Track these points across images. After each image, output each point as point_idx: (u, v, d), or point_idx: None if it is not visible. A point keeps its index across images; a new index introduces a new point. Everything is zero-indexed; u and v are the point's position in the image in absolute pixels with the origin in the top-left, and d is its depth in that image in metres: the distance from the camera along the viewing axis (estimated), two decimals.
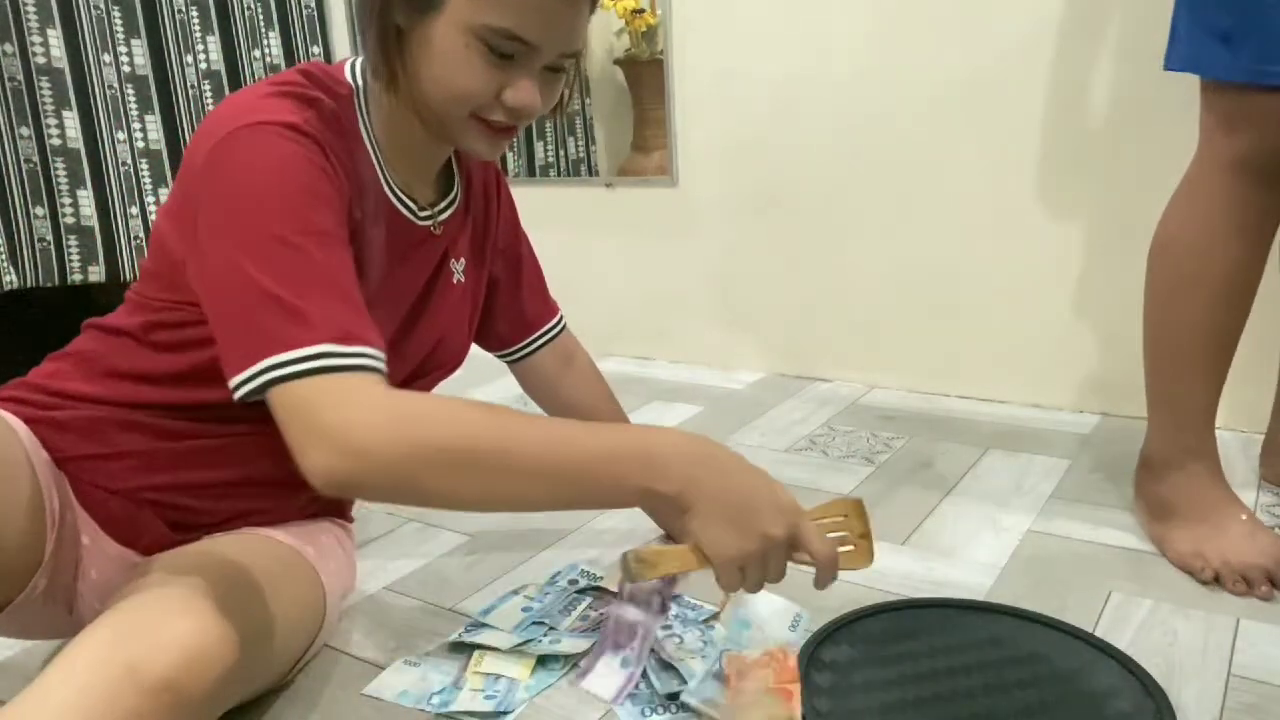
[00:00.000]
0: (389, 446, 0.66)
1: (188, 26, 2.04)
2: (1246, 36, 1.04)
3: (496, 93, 0.79)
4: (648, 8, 2.03)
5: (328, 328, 0.69)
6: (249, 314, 0.69)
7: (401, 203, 0.89)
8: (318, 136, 0.76)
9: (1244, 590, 1.07)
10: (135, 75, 1.97)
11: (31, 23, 1.79)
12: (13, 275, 1.82)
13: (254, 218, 0.71)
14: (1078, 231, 1.63)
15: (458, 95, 0.79)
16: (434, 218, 0.94)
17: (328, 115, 0.80)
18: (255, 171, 0.72)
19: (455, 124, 0.81)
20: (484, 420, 0.69)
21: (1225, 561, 1.09)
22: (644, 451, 0.71)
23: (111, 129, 1.93)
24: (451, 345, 1.00)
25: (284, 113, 0.75)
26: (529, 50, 0.77)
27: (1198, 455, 1.15)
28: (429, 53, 0.78)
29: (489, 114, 0.80)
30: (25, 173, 1.82)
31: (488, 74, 0.78)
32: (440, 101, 0.80)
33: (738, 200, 1.96)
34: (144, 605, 0.71)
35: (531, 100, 0.80)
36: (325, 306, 0.70)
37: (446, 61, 0.78)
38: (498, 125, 0.81)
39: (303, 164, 0.74)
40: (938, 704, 0.84)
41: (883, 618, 0.98)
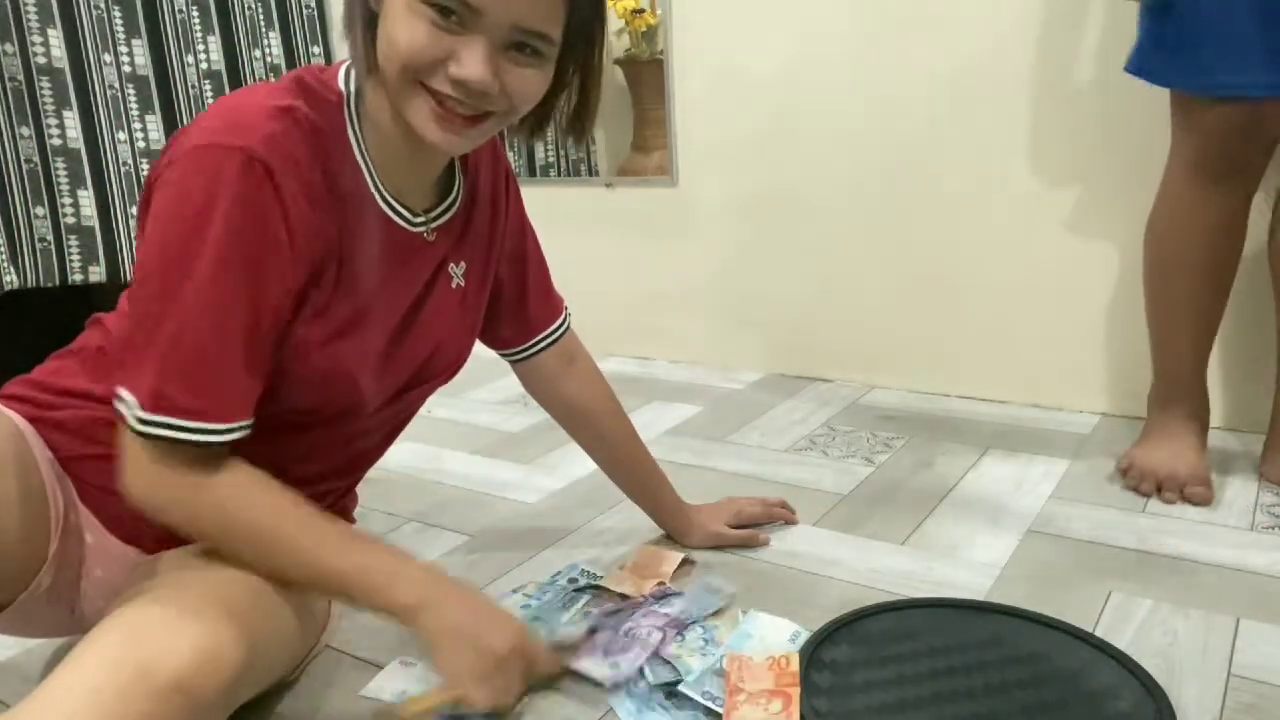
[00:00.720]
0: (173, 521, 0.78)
1: (188, 26, 2.04)
2: (1191, 50, 1.16)
3: (442, 58, 0.75)
4: (648, 8, 2.03)
5: (162, 395, 0.73)
6: (157, 352, 0.74)
7: (393, 210, 0.87)
8: (272, 159, 0.74)
9: (1149, 491, 1.31)
10: (136, 75, 1.97)
11: (32, 22, 1.79)
12: (13, 275, 1.82)
13: (174, 250, 0.73)
14: (1078, 231, 1.63)
15: (400, 56, 0.75)
16: (428, 224, 0.91)
17: (302, 127, 0.77)
18: (192, 203, 0.72)
19: (404, 97, 0.77)
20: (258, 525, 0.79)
21: (1150, 470, 1.32)
22: (388, 573, 0.81)
23: (112, 129, 1.93)
24: (448, 352, 0.98)
25: (245, 132, 0.74)
26: (473, 14, 0.73)
27: (1182, 399, 1.36)
28: (385, 25, 0.76)
29: (434, 81, 0.76)
30: (26, 172, 1.82)
31: (432, 36, 0.74)
32: (390, 72, 0.77)
33: (738, 200, 1.96)
34: (154, 606, 0.71)
35: (475, 71, 0.74)
36: (174, 369, 0.74)
37: (393, 24, 0.75)
38: (445, 99, 0.76)
39: (240, 201, 0.73)
40: (938, 704, 0.84)
41: (883, 618, 0.98)
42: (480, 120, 0.79)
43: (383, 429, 0.98)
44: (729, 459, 1.53)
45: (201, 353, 0.73)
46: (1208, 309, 1.33)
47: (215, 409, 0.75)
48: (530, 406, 0.94)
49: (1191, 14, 1.17)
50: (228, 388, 0.75)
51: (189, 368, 0.73)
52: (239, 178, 0.72)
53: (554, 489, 1.42)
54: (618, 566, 1.13)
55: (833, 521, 1.27)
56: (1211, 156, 1.24)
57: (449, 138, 0.78)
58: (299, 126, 0.77)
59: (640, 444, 1.17)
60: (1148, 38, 1.24)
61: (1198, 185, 1.27)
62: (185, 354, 0.73)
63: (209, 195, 0.72)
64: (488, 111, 0.78)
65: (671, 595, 1.05)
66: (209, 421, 0.74)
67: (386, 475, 1.02)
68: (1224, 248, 1.30)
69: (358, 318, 0.84)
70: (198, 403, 0.74)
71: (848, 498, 1.35)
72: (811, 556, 1.17)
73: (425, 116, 0.77)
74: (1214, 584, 1.07)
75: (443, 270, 0.94)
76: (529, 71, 0.78)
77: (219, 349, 0.74)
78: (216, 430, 0.75)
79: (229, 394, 0.76)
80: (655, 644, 0.94)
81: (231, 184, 0.72)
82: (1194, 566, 1.12)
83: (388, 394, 0.92)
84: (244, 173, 0.72)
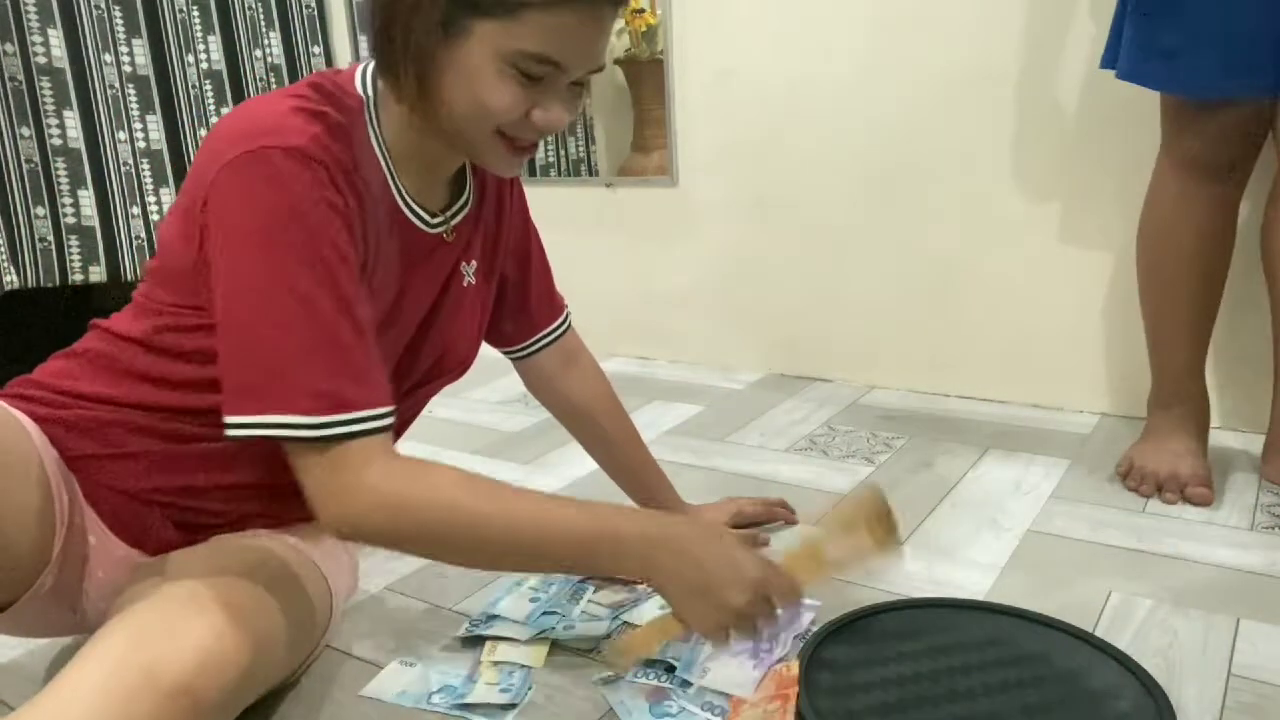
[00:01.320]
0: (376, 528, 0.74)
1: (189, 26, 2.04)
2: (1189, 55, 1.16)
3: (526, 112, 0.79)
4: (648, 8, 2.03)
5: (328, 396, 0.72)
6: (256, 362, 0.72)
7: (413, 213, 0.88)
8: (325, 159, 0.75)
9: (1149, 493, 1.30)
10: (136, 75, 1.97)
11: (32, 22, 1.79)
12: (13, 275, 1.82)
13: (265, 263, 0.72)
14: (1078, 231, 1.63)
15: (488, 115, 0.78)
16: (446, 223, 0.92)
17: (336, 131, 0.78)
18: (264, 211, 0.72)
19: (480, 141, 0.81)
20: (466, 505, 0.76)
21: (1151, 471, 1.32)
22: (609, 536, 0.78)
23: (112, 129, 1.93)
24: (459, 351, 0.99)
25: (292, 134, 0.74)
26: (559, 71, 0.78)
27: (1181, 400, 1.36)
28: (457, 75, 0.77)
29: (516, 132, 0.80)
30: (26, 172, 1.82)
31: (518, 95, 0.77)
32: (467, 120, 0.79)
33: (738, 200, 1.96)
34: (159, 608, 0.71)
35: (560, 119, 0.80)
36: (329, 368, 0.73)
37: (476, 84, 0.77)
38: (521, 143, 0.82)
39: (310, 199, 0.73)
40: (938, 704, 0.84)
41: (883, 618, 0.98)
42: (538, 145, 0.84)
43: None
44: (729, 459, 1.53)
45: (342, 345, 0.73)
46: (1202, 308, 1.33)
47: (378, 393, 0.75)
48: (530, 406, 0.94)
49: (1188, 18, 1.17)
50: (376, 371, 0.76)
51: (338, 363, 0.73)
52: (294, 168, 0.73)
53: (554, 489, 1.42)
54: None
55: None
56: (1205, 157, 1.25)
57: (515, 167, 0.84)
58: (332, 130, 0.78)
59: (641, 443, 1.17)
60: (1137, 42, 1.25)
61: (1189, 185, 1.28)
62: (328, 353, 0.73)
63: (282, 197, 0.72)
64: None
65: None
66: (379, 406, 0.75)
67: None
68: (1215, 246, 1.30)
69: (385, 321, 0.85)
70: (363, 392, 0.74)
71: (848, 498, 1.35)
72: None
73: (499, 155, 0.82)
74: (1214, 584, 1.07)
75: (457, 269, 0.95)
76: (581, 97, 0.84)
77: (354, 339, 0.74)
78: (387, 414, 0.75)
79: (379, 378, 0.77)
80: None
81: (299, 181, 0.73)
82: (1194, 566, 1.12)
83: (399, 392, 0.91)
84: (296, 163, 0.73)
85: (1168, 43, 1.20)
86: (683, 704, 0.86)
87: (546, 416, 1.17)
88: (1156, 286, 1.36)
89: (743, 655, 0.93)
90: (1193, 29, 1.17)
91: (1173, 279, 1.33)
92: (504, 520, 0.76)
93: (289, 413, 0.71)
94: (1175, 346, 1.35)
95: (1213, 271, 1.32)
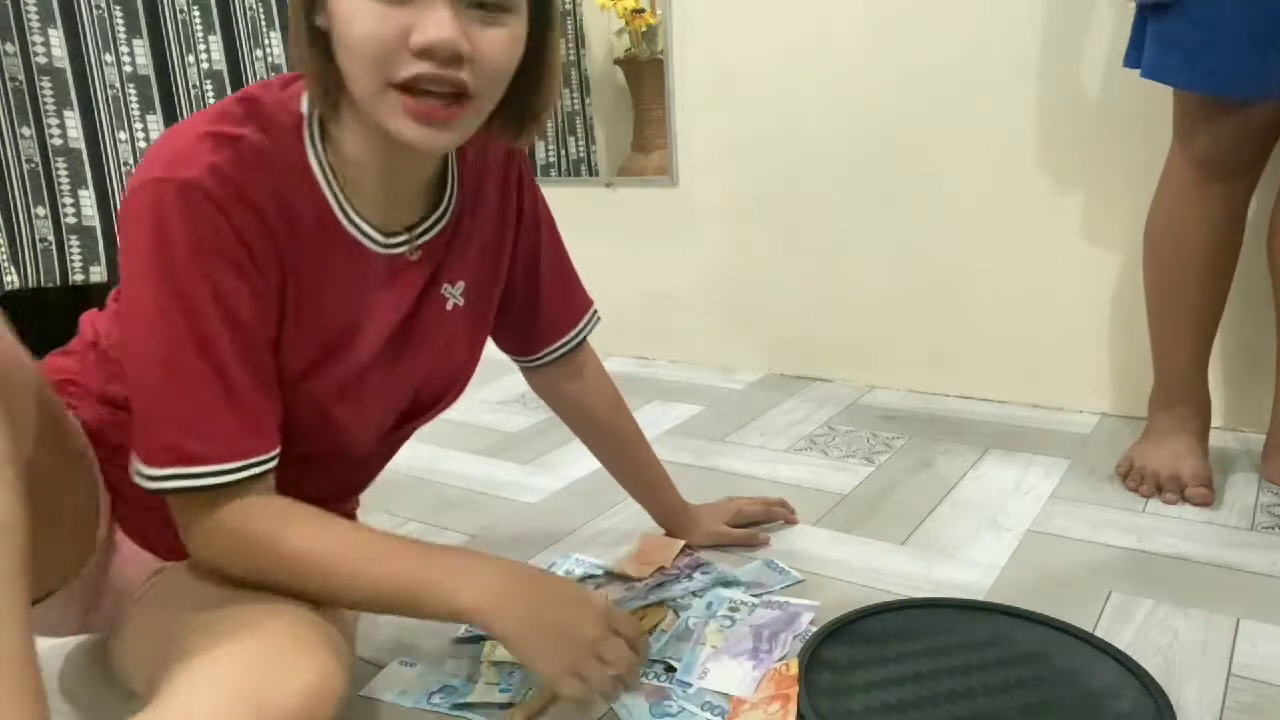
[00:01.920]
0: (230, 567, 0.76)
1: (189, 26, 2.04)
2: (1206, 53, 1.14)
3: (403, 37, 0.68)
4: (648, 8, 2.03)
5: (171, 449, 0.72)
6: (153, 406, 0.73)
7: (361, 232, 0.80)
8: (221, 192, 0.70)
9: (1149, 493, 1.30)
10: (137, 75, 1.97)
11: (33, 22, 1.79)
12: (14, 275, 1.82)
13: (142, 304, 0.71)
14: (1079, 231, 1.63)
15: (360, 55, 0.69)
16: (410, 242, 0.84)
17: (248, 155, 0.72)
18: (144, 250, 0.70)
19: (378, 106, 0.71)
20: (315, 546, 0.75)
21: (1151, 471, 1.32)
22: (453, 573, 0.76)
23: (113, 129, 1.93)
24: (444, 377, 0.93)
25: (190, 165, 0.70)
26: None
27: (1183, 399, 1.35)
28: (337, 31, 0.70)
29: (400, 70, 0.69)
30: (26, 172, 1.82)
31: (384, 15, 0.67)
32: (355, 81, 0.71)
33: (738, 200, 1.96)
34: (258, 638, 0.69)
35: (440, 31, 0.67)
36: (175, 421, 0.72)
37: (343, 24, 0.69)
38: (416, 87, 0.69)
39: (189, 242, 0.70)
40: (938, 704, 0.84)
41: (883, 618, 0.98)
42: (459, 106, 0.71)
43: (383, 454, 0.96)
44: (729, 459, 1.53)
45: (197, 394, 0.71)
46: (1208, 307, 1.33)
47: (226, 448, 0.72)
48: (530, 406, 0.94)
49: (1210, 16, 1.15)
50: (235, 422, 0.73)
51: (188, 413, 0.72)
52: (180, 208, 0.69)
53: (554, 489, 1.42)
54: (624, 556, 1.14)
55: (833, 521, 1.27)
56: (1220, 157, 1.24)
57: (429, 132, 0.71)
58: (244, 155, 0.72)
59: (644, 443, 1.16)
60: (1157, 39, 1.22)
61: (1202, 184, 1.27)
62: (180, 400, 0.71)
63: (157, 233, 0.69)
64: (464, 93, 0.71)
65: (704, 565, 1.11)
66: (221, 462, 0.72)
67: (387, 476, 1.01)
68: (1225, 246, 1.30)
69: (335, 348, 0.81)
70: (204, 446, 0.72)
71: (848, 498, 1.35)
72: (811, 556, 1.17)
73: (399, 114, 0.70)
74: (1214, 584, 1.07)
75: (433, 291, 0.88)
76: (498, 31, 0.71)
77: (217, 384, 0.72)
78: (231, 469, 0.73)
79: (237, 428, 0.73)
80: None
81: (175, 216, 0.69)
82: (1194, 566, 1.12)
83: (383, 426, 0.89)
84: (183, 202, 0.69)
85: (1187, 39, 1.18)
86: (683, 704, 0.86)
87: (546, 417, 1.17)
88: (1164, 285, 1.35)
89: (743, 655, 0.93)
90: (1213, 25, 1.15)
91: (1181, 278, 1.32)
92: (356, 559, 0.76)
93: (138, 454, 0.73)
94: (1180, 345, 1.34)
95: (1221, 271, 1.31)
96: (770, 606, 1.02)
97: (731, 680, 0.89)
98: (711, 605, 1.02)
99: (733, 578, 1.09)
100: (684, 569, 1.11)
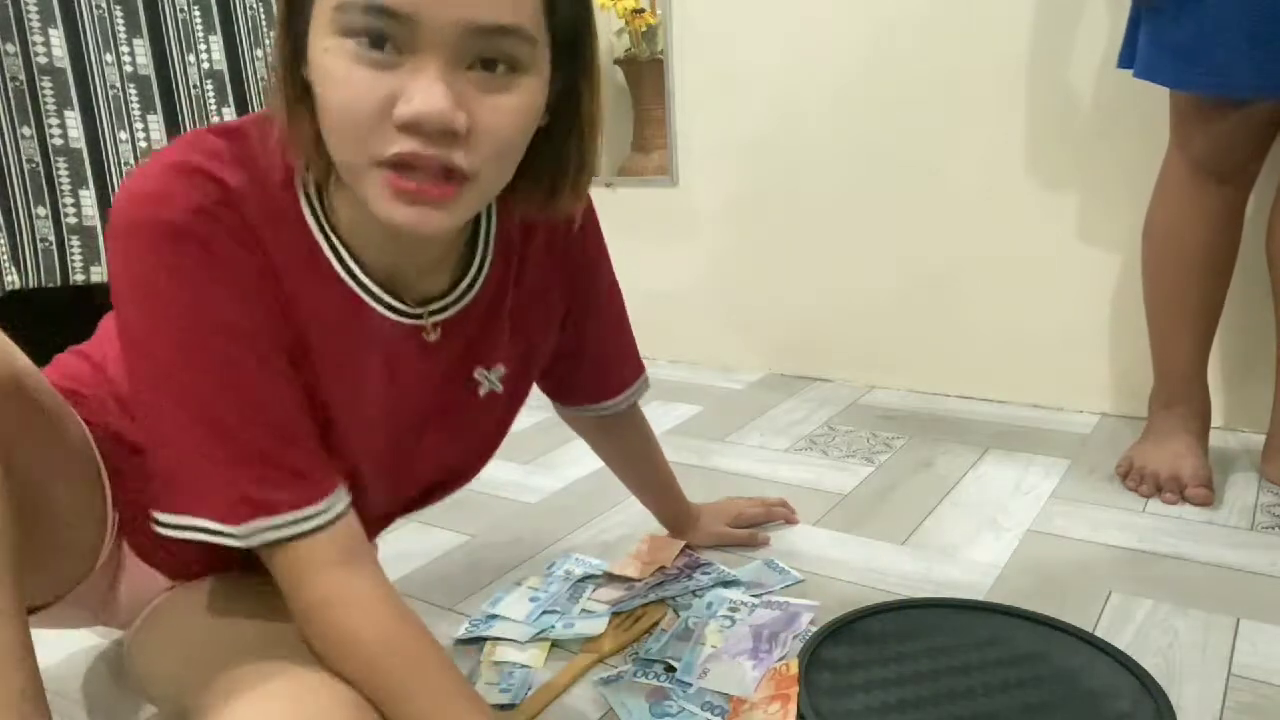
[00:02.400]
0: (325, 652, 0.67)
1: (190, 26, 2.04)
2: (1201, 53, 1.15)
3: (385, 107, 0.57)
4: (648, 8, 2.03)
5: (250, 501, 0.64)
6: (183, 460, 0.65)
7: (366, 290, 0.70)
8: (212, 229, 0.62)
9: (1149, 493, 1.30)
10: (137, 75, 1.97)
11: (33, 22, 1.79)
12: (14, 275, 1.82)
13: (163, 356, 0.63)
14: (1078, 231, 1.63)
15: (339, 127, 0.59)
16: (425, 318, 0.73)
17: (236, 196, 0.64)
18: (154, 301, 0.62)
19: (360, 181, 0.60)
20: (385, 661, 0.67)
21: (1151, 471, 1.31)
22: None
23: (114, 128, 1.93)
24: (472, 460, 0.87)
25: (172, 207, 0.61)
26: (407, 26, 0.56)
27: (1184, 400, 1.35)
28: (316, 91, 0.60)
29: (385, 148, 0.57)
30: (27, 173, 1.82)
31: (365, 80, 0.57)
32: (335, 150, 0.61)
33: (738, 200, 1.96)
34: (291, 679, 0.65)
35: (428, 100, 0.56)
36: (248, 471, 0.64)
37: (321, 84, 0.59)
38: (401, 165, 0.58)
39: (192, 282, 0.62)
40: (938, 704, 0.84)
41: (883, 618, 0.98)
42: (454, 184, 0.60)
43: (398, 514, 0.90)
44: (729, 459, 1.53)
45: (252, 438, 0.64)
46: (1207, 307, 1.33)
47: (312, 487, 0.66)
48: (531, 406, 0.93)
49: (1207, 16, 1.14)
50: (307, 455, 0.66)
51: (255, 457, 0.64)
52: (174, 253, 0.62)
53: (554, 489, 1.42)
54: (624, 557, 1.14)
55: (833, 521, 1.27)
56: (1216, 157, 1.25)
57: (421, 214, 0.60)
58: (230, 202, 0.64)
59: (656, 448, 1.12)
60: (1153, 39, 1.22)
61: (1199, 184, 1.27)
62: (243, 447, 0.64)
63: (150, 284, 0.62)
64: (458, 169, 0.59)
65: (704, 565, 1.12)
66: (311, 505, 0.65)
67: None
68: (1223, 246, 1.30)
69: (326, 429, 0.72)
70: (286, 492, 0.65)
71: (848, 498, 1.35)
72: (811, 556, 1.17)
73: (386, 196, 0.59)
74: (1214, 584, 1.07)
75: (462, 375, 0.78)
76: (505, 100, 0.59)
77: (265, 427, 0.65)
78: (321, 511, 0.66)
79: (309, 462, 0.66)
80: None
81: (167, 261, 0.62)
82: (1194, 566, 1.12)
83: (389, 509, 0.85)
84: (176, 247, 0.62)
85: (1182, 39, 1.18)
86: (683, 704, 0.86)
87: (546, 417, 1.16)
88: (1162, 285, 1.35)
89: (743, 655, 0.93)
90: (1210, 25, 1.14)
91: (1179, 278, 1.32)
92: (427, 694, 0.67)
93: (212, 516, 0.65)
94: (1179, 345, 1.35)
95: (1219, 271, 1.31)
96: (770, 606, 1.02)
97: (731, 680, 0.89)
98: (711, 605, 1.02)
99: (733, 578, 1.09)
100: (684, 569, 1.11)
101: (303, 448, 0.67)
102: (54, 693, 0.92)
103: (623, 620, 1.00)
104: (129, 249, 0.62)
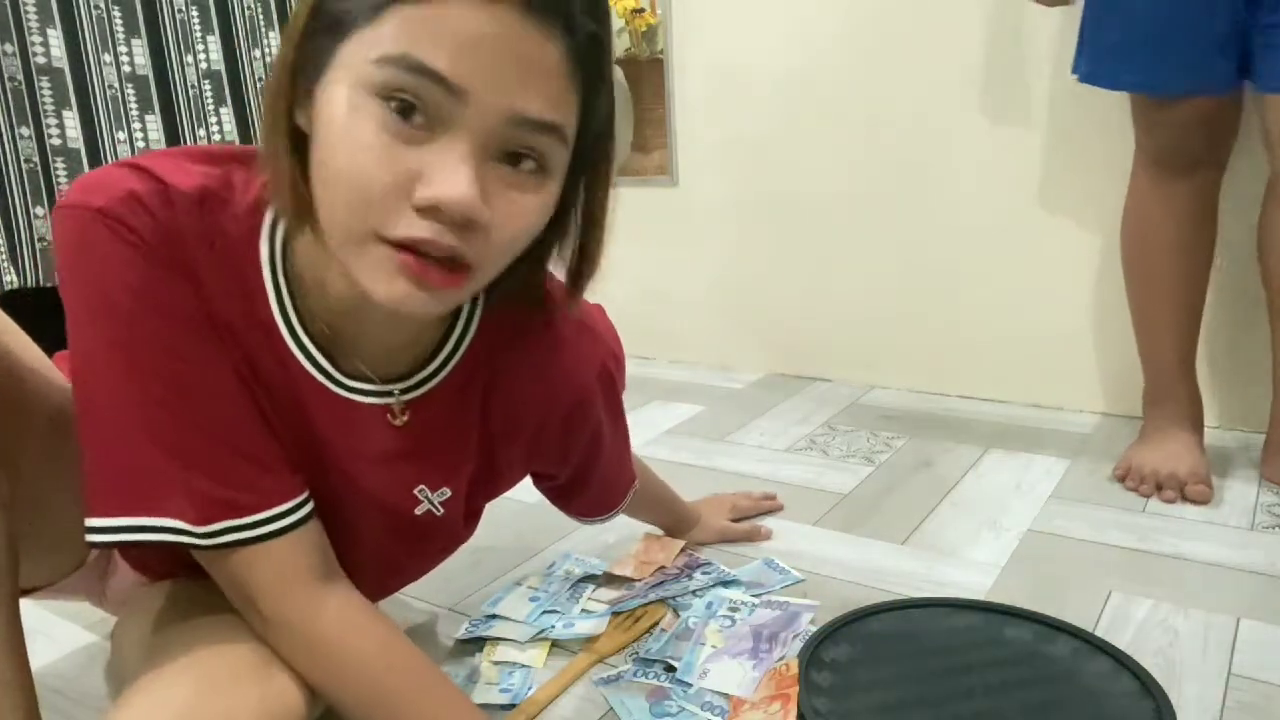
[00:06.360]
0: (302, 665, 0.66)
1: (188, 26, 2.04)
2: (1130, 54, 1.18)
3: (405, 184, 0.53)
4: (648, 7, 2.03)
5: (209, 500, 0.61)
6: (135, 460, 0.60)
7: (313, 362, 0.66)
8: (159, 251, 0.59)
9: (1148, 493, 1.29)
10: (135, 75, 1.97)
11: (32, 22, 1.79)
12: (13, 275, 1.82)
13: (94, 354, 0.59)
14: (1078, 231, 1.63)
15: (347, 195, 0.53)
16: (394, 395, 0.69)
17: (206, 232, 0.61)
18: (104, 291, 0.58)
19: (354, 253, 0.55)
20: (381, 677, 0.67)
21: (1150, 471, 1.31)
22: None
23: (112, 129, 1.93)
24: (424, 563, 0.85)
25: (106, 195, 0.58)
26: (451, 99, 0.51)
27: (1172, 396, 1.37)
28: (320, 142, 0.55)
29: (397, 228, 0.53)
30: (25, 172, 1.82)
31: (388, 151, 0.52)
32: (331, 215, 0.55)
33: (738, 200, 1.96)
34: (223, 656, 0.64)
35: (455, 190, 0.52)
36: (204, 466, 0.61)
37: (330, 142, 0.54)
38: (407, 247, 0.54)
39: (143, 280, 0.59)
40: (937, 704, 0.84)
41: (883, 618, 0.98)
42: (459, 274, 0.56)
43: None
44: (729, 459, 1.53)
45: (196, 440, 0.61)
46: (1185, 303, 1.34)
47: (279, 486, 0.64)
48: None
49: (1134, 16, 1.19)
50: (259, 460, 0.64)
51: (210, 457, 0.61)
52: (103, 238, 0.58)
53: None
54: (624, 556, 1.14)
55: (833, 521, 1.27)
56: (1172, 152, 1.27)
57: (420, 297, 0.55)
58: (171, 205, 0.60)
59: (655, 480, 1.11)
60: (1092, 42, 1.27)
61: (1161, 181, 1.30)
62: (195, 448, 0.61)
63: (102, 291, 0.59)
64: (464, 260, 0.55)
65: (704, 564, 1.12)
66: (270, 507, 0.63)
67: None
68: (1192, 240, 1.31)
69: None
70: (244, 495, 0.62)
71: (848, 498, 1.35)
72: (811, 556, 1.17)
73: (381, 271, 0.55)
74: (1214, 584, 1.07)
75: (409, 486, 0.73)
76: (526, 199, 0.56)
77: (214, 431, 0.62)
78: (282, 513, 0.64)
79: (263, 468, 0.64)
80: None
81: (115, 274, 0.58)
82: (1194, 566, 1.12)
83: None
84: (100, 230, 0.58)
85: (1114, 41, 1.23)
86: (683, 704, 0.86)
87: None
88: (1139, 282, 1.37)
89: (742, 655, 0.93)
90: (1133, 27, 1.20)
91: (1153, 274, 1.34)
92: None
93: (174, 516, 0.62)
94: (1162, 342, 1.36)
95: (1193, 265, 1.32)
96: (770, 606, 1.02)
97: (731, 680, 0.89)
98: (711, 605, 1.02)
99: (732, 578, 1.09)
100: (684, 569, 1.11)
101: (260, 447, 0.64)
102: (54, 691, 0.93)
103: (623, 620, 1.00)
104: (60, 234, 0.59)
